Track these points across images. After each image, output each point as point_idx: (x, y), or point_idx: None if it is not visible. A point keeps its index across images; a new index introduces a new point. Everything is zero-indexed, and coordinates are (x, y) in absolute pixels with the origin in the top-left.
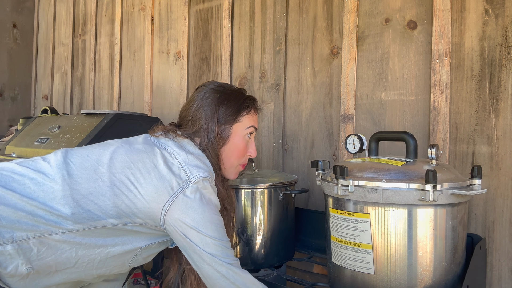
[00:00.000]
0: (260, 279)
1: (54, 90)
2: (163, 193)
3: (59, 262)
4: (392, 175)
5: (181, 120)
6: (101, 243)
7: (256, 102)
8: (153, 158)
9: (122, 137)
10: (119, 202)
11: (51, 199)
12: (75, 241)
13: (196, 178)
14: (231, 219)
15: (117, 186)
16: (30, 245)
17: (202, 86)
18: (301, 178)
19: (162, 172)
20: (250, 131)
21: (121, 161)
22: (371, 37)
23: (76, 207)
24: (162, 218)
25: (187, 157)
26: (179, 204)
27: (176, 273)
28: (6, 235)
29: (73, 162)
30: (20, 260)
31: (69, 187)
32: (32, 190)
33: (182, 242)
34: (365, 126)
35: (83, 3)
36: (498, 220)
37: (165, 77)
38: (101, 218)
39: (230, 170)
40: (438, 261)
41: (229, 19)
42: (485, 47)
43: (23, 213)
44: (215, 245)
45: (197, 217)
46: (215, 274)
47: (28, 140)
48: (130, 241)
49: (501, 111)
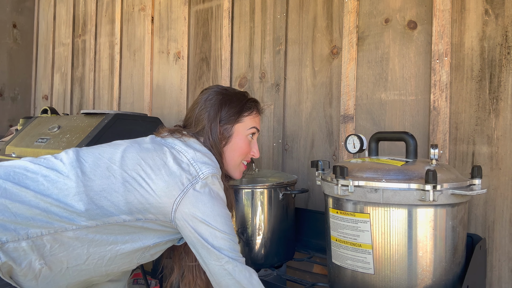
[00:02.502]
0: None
1: (54, 90)
2: (174, 188)
3: (70, 258)
4: (392, 175)
5: (186, 121)
6: (112, 240)
7: (258, 104)
8: (163, 156)
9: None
10: (131, 198)
11: (65, 195)
12: (87, 238)
13: (205, 174)
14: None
15: (129, 182)
16: (44, 242)
17: (207, 89)
18: (301, 178)
19: (172, 169)
20: (252, 131)
21: (132, 159)
22: (371, 37)
23: (90, 203)
24: (173, 213)
25: (195, 155)
26: (189, 199)
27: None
28: (21, 232)
29: (85, 160)
30: (33, 256)
31: (83, 184)
32: (46, 187)
33: (191, 237)
34: (365, 126)
35: (83, 3)
36: (498, 220)
37: (165, 77)
38: (113, 214)
39: (234, 168)
40: (438, 261)
41: (229, 19)
42: (485, 47)
43: (38, 210)
44: (223, 239)
45: (207, 210)
46: (222, 271)
47: (28, 140)
48: (140, 238)
49: (501, 111)
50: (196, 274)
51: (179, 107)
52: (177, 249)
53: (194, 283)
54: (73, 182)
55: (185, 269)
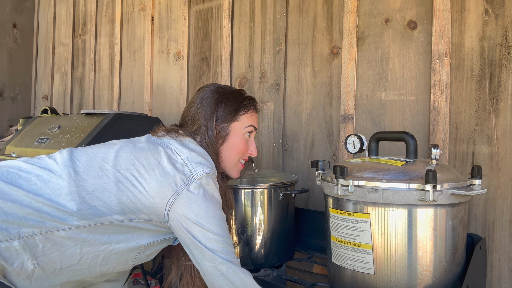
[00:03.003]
0: (260, 279)
1: (54, 90)
2: (167, 189)
3: (63, 258)
4: (392, 175)
5: (183, 120)
6: (105, 240)
7: (255, 102)
8: (157, 156)
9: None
10: (124, 198)
11: (57, 195)
12: (80, 238)
13: (199, 174)
14: (228, 220)
15: (122, 182)
16: (36, 241)
17: (203, 88)
18: (301, 178)
19: (166, 169)
20: (249, 130)
21: (126, 159)
22: (371, 37)
23: (82, 203)
24: (166, 214)
25: (190, 155)
26: (183, 200)
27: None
28: (13, 231)
29: (79, 160)
30: (26, 256)
31: (75, 183)
32: (38, 187)
33: (184, 238)
34: (365, 126)
35: (83, 3)
36: (498, 220)
37: (165, 77)
38: (106, 214)
39: (231, 168)
40: (438, 261)
41: (229, 19)
42: (485, 47)
43: (30, 210)
44: (217, 241)
45: (201, 212)
46: (215, 272)
47: (28, 140)
48: (133, 238)
49: (501, 111)
50: (195, 274)
51: (179, 107)
52: (175, 249)
53: (192, 283)
54: (66, 182)
55: (183, 269)
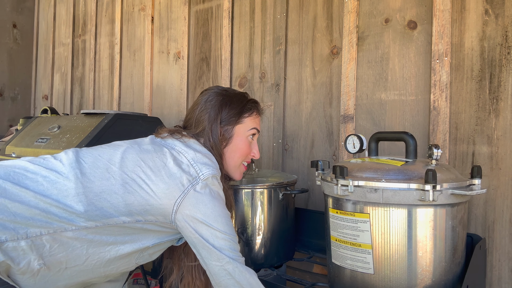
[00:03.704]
0: (260, 279)
1: (54, 90)
2: (174, 190)
3: (69, 259)
4: (392, 175)
5: (186, 122)
6: (111, 241)
7: (258, 105)
8: (163, 157)
9: (122, 137)
10: (131, 200)
11: (65, 196)
12: (87, 239)
13: (205, 175)
14: None
15: (129, 184)
16: (43, 241)
17: (207, 90)
18: (301, 178)
19: (172, 170)
20: (252, 132)
21: (132, 160)
22: (371, 37)
23: (89, 204)
24: (173, 214)
25: (195, 155)
26: (190, 200)
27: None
28: (21, 231)
29: (85, 161)
30: (32, 256)
31: (82, 185)
32: (45, 188)
33: (192, 238)
34: (365, 126)
35: (83, 3)
36: (498, 220)
37: (165, 77)
38: (113, 216)
39: (234, 170)
40: (437, 261)
41: (229, 19)
42: (485, 47)
43: (37, 210)
44: (224, 239)
45: (208, 211)
46: (222, 271)
47: (28, 140)
48: (139, 239)
49: (501, 111)
50: (196, 275)
51: (179, 107)
52: (176, 249)
53: (193, 284)
54: (72, 183)
55: (184, 269)
